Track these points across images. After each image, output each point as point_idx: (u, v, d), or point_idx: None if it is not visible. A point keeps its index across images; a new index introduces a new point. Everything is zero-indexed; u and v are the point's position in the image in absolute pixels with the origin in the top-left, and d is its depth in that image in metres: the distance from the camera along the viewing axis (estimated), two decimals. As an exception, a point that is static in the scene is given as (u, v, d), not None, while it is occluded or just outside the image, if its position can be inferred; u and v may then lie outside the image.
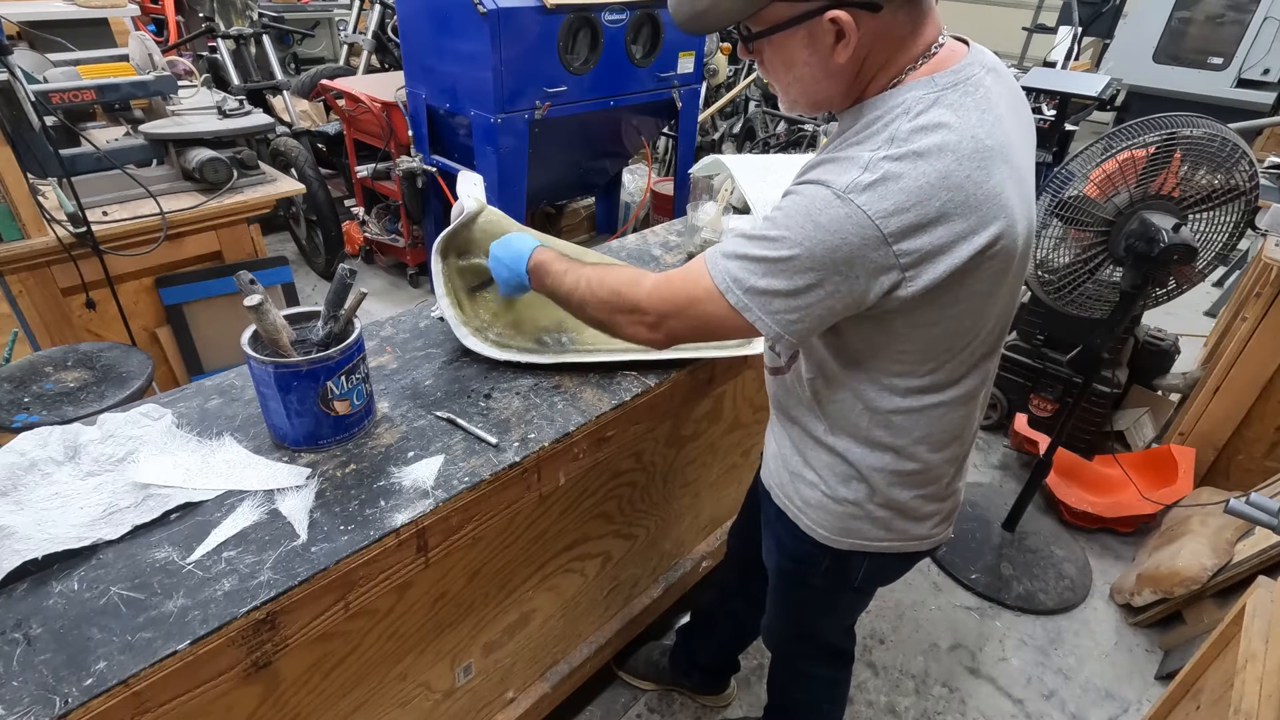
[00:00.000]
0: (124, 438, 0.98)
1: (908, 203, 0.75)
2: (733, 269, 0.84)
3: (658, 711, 1.76)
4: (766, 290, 0.82)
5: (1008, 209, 0.80)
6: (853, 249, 0.76)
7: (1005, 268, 0.83)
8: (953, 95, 0.79)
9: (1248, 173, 1.60)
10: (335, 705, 1.02)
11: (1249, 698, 1.06)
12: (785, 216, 0.80)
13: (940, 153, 0.75)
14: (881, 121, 0.80)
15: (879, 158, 0.76)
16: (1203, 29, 5.90)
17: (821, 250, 0.77)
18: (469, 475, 1.00)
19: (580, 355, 1.29)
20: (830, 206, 0.76)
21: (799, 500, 1.09)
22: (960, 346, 0.90)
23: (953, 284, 0.80)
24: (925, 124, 0.77)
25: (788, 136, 4.36)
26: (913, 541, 1.07)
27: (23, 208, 1.72)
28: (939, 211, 0.76)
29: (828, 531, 1.06)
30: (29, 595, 0.79)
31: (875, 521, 1.04)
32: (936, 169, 0.75)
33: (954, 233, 0.77)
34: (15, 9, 3.01)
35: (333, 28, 5.06)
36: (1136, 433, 2.64)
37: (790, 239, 0.79)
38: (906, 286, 0.79)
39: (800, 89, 0.86)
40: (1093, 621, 2.07)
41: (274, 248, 3.94)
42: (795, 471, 1.08)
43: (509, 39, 2.53)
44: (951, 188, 0.75)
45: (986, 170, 0.77)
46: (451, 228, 1.25)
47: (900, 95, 0.80)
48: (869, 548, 1.06)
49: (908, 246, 0.76)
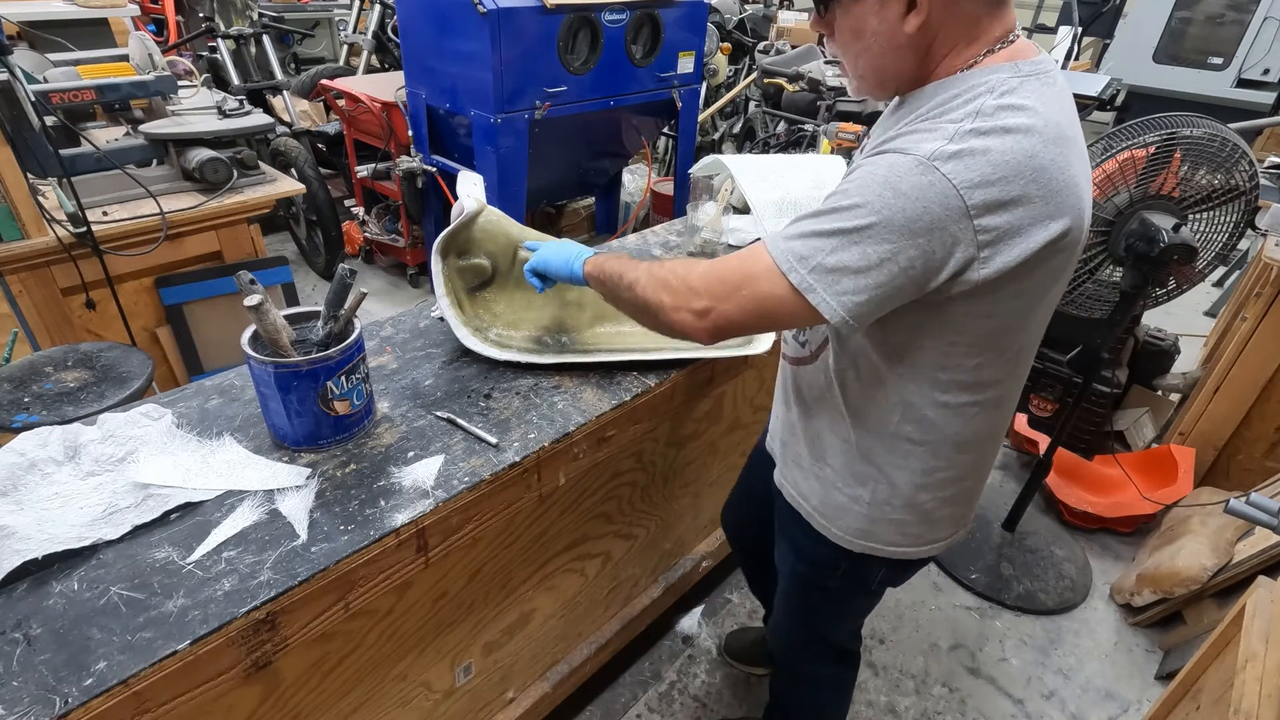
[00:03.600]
0: (124, 438, 0.98)
1: (994, 176, 0.72)
2: (797, 247, 0.79)
3: (658, 711, 1.76)
4: (835, 268, 0.77)
5: (1081, 201, 0.78)
6: (934, 219, 0.73)
7: (1067, 263, 0.82)
8: (1034, 84, 0.77)
9: (1248, 173, 1.60)
10: (335, 705, 1.02)
11: (1249, 698, 1.06)
12: (859, 186, 0.76)
13: (1027, 132, 0.73)
14: (962, 99, 0.77)
15: (965, 130, 0.73)
16: (1203, 29, 5.90)
17: (901, 219, 0.73)
18: (469, 475, 1.00)
19: (580, 355, 1.29)
20: (912, 173, 0.73)
21: (814, 500, 1.07)
22: (1008, 344, 0.87)
23: (1021, 272, 0.77)
24: (1012, 103, 0.75)
25: (788, 136, 4.35)
26: (929, 546, 1.05)
27: (23, 208, 1.72)
28: (1021, 191, 0.73)
29: (845, 534, 1.04)
30: (29, 595, 0.79)
31: (893, 525, 1.01)
32: (1024, 147, 0.73)
33: (1033, 216, 0.74)
34: (15, 9, 3.01)
35: (333, 28, 5.06)
36: (1136, 433, 2.64)
37: (867, 206, 0.74)
38: (979, 268, 0.75)
39: (869, 60, 0.84)
40: (1093, 621, 2.07)
41: (274, 248, 3.94)
42: (810, 469, 1.06)
43: (509, 39, 2.53)
44: (1036, 169, 0.73)
45: (1067, 158, 0.76)
46: (451, 228, 1.25)
47: (983, 75, 0.78)
48: (886, 553, 1.04)
49: (988, 223, 0.73)
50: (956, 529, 1.06)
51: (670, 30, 3.04)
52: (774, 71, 4.17)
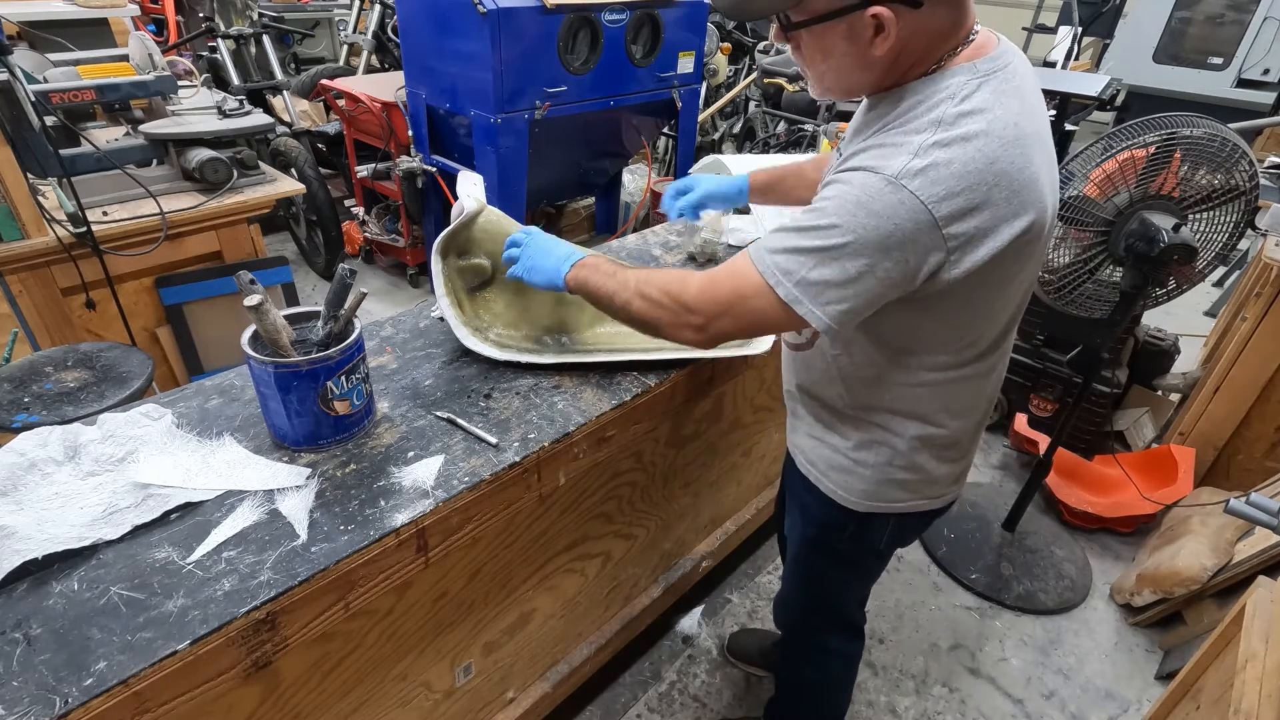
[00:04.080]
0: (124, 438, 0.98)
1: (958, 187, 0.77)
2: (781, 262, 0.84)
3: (658, 711, 1.76)
4: (818, 281, 0.82)
5: (1042, 195, 0.83)
6: (906, 234, 0.78)
7: (1035, 250, 0.87)
8: (994, 82, 0.81)
9: (1248, 173, 1.60)
10: (335, 705, 1.02)
11: (1249, 698, 1.06)
12: (835, 205, 0.81)
13: (986, 137, 0.78)
14: (925, 105, 0.81)
15: (928, 143, 0.78)
16: (1203, 29, 5.90)
17: (875, 236, 0.78)
18: (469, 475, 1.00)
19: (580, 355, 1.29)
20: (883, 193, 0.77)
21: (823, 465, 1.12)
22: (990, 323, 0.93)
23: (990, 267, 0.82)
24: (970, 109, 0.79)
25: (788, 136, 4.35)
26: (932, 500, 1.12)
27: (23, 208, 1.72)
28: (985, 197, 0.78)
29: (852, 495, 1.10)
30: (29, 595, 0.79)
31: (898, 484, 1.07)
32: (984, 153, 0.77)
33: (997, 217, 0.79)
34: (15, 9, 3.01)
35: (333, 28, 5.06)
36: (1136, 433, 2.64)
37: (843, 226, 0.79)
38: (950, 269, 0.81)
39: (835, 77, 0.88)
40: (1093, 621, 2.07)
41: (274, 248, 3.94)
42: (819, 438, 1.12)
43: (509, 39, 2.53)
44: (997, 174, 0.78)
45: (1027, 156, 0.80)
46: (451, 228, 1.25)
47: (944, 80, 0.82)
48: (893, 509, 1.10)
49: (956, 230, 0.78)
50: (956, 482, 1.13)
51: (670, 30, 3.04)
52: (774, 71, 4.18)
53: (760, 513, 2.03)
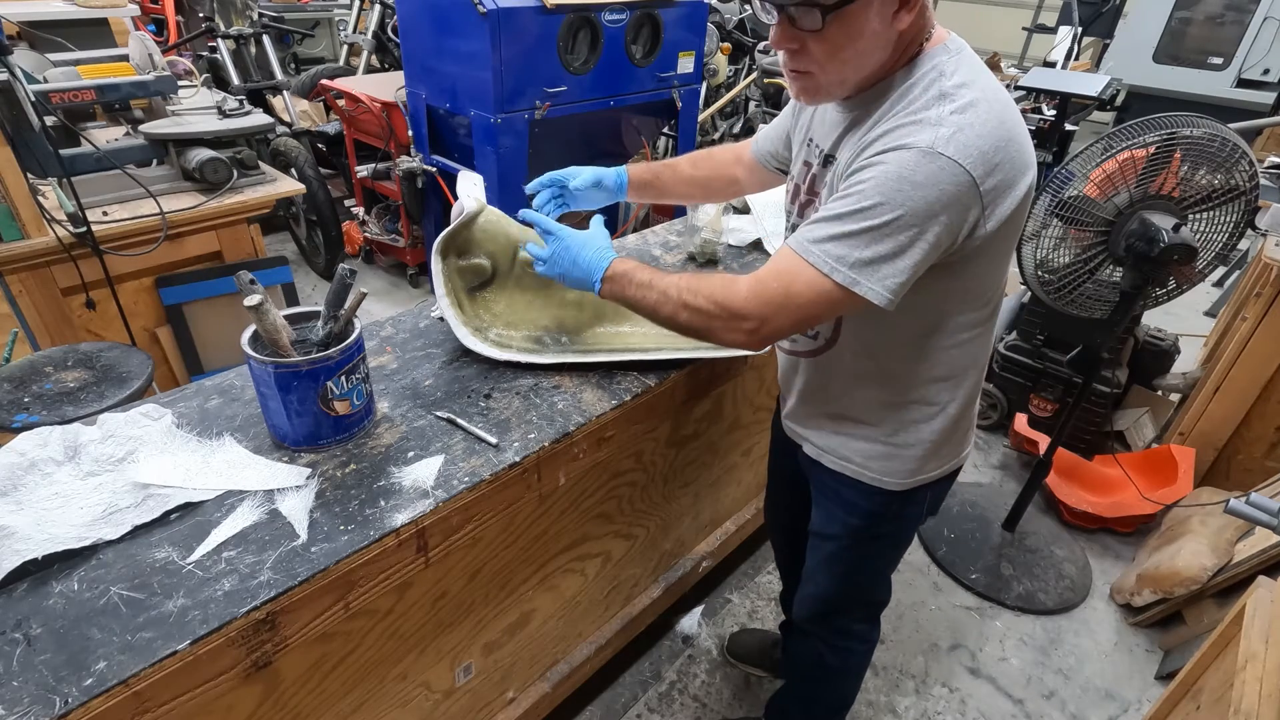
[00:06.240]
0: (124, 438, 0.98)
1: (986, 146, 0.83)
2: (831, 249, 0.88)
3: (658, 712, 1.76)
4: (873, 259, 0.86)
5: (1032, 152, 0.91)
6: (950, 197, 0.83)
7: (1027, 206, 0.93)
8: (965, 59, 0.89)
9: (1248, 173, 1.60)
10: (335, 705, 1.02)
11: (1249, 698, 1.06)
12: (874, 186, 0.84)
13: (988, 102, 0.85)
14: (919, 87, 0.88)
15: (947, 113, 0.84)
16: (1203, 29, 5.90)
17: (923, 205, 0.83)
18: (469, 475, 1.00)
19: (580, 355, 1.29)
20: (921, 164, 0.82)
21: (860, 459, 1.14)
22: (1001, 277, 1.01)
23: (1011, 220, 0.89)
24: (961, 81, 0.86)
25: (788, 136, 4.34)
26: (959, 458, 1.18)
27: (23, 208, 1.72)
28: (1004, 153, 0.85)
29: (896, 477, 1.13)
30: (29, 595, 0.79)
31: (936, 452, 1.12)
32: (993, 114, 0.84)
33: (1015, 169, 0.86)
34: (15, 9, 3.01)
35: (333, 28, 5.06)
36: (1136, 433, 2.64)
37: (889, 203, 0.83)
38: (984, 224, 0.87)
39: (857, 65, 0.89)
40: (1093, 621, 2.07)
41: (274, 248, 3.94)
42: (854, 434, 1.14)
43: (509, 39, 2.53)
44: (1007, 131, 0.85)
45: (1016, 119, 0.88)
46: (451, 228, 1.25)
47: (929, 62, 0.89)
48: (930, 477, 1.15)
49: (989, 185, 0.84)
50: (970, 437, 1.20)
51: (670, 30, 3.04)
52: (774, 71, 4.17)
53: (760, 513, 2.03)
